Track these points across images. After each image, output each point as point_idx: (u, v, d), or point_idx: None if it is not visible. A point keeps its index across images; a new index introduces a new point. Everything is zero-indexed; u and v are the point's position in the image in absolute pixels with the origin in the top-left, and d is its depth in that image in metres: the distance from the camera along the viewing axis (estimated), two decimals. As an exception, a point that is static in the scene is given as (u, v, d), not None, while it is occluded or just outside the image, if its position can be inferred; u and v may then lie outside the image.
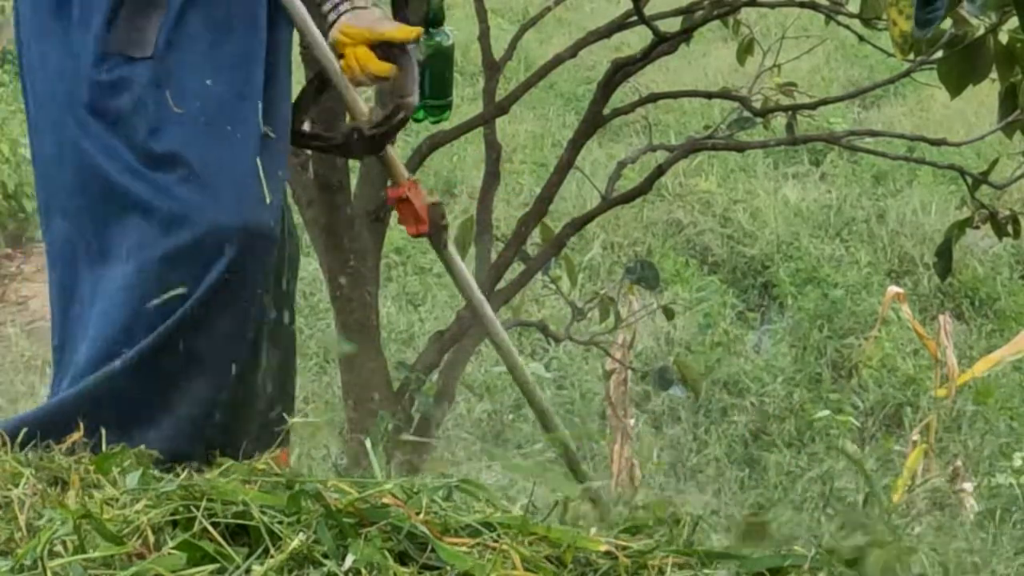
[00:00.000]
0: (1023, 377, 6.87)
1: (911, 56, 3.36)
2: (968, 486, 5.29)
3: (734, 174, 9.37)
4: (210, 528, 1.41)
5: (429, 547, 1.42)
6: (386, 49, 2.37)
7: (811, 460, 6.20)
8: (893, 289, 6.69)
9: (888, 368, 7.03)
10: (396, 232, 8.33)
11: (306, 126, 2.42)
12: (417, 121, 4.34)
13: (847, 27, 4.21)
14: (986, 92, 3.78)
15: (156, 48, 2.13)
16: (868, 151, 4.92)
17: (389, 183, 2.46)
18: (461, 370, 4.49)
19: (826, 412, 6.41)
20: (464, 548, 1.42)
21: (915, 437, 5.65)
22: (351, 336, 4.15)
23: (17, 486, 1.58)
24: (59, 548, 1.38)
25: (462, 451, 6.17)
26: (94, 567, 1.36)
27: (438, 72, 4.29)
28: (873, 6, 3.79)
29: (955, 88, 3.34)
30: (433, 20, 4.00)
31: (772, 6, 4.45)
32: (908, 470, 5.41)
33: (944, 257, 3.97)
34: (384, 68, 2.35)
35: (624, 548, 1.49)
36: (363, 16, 2.36)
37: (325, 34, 2.34)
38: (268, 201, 2.13)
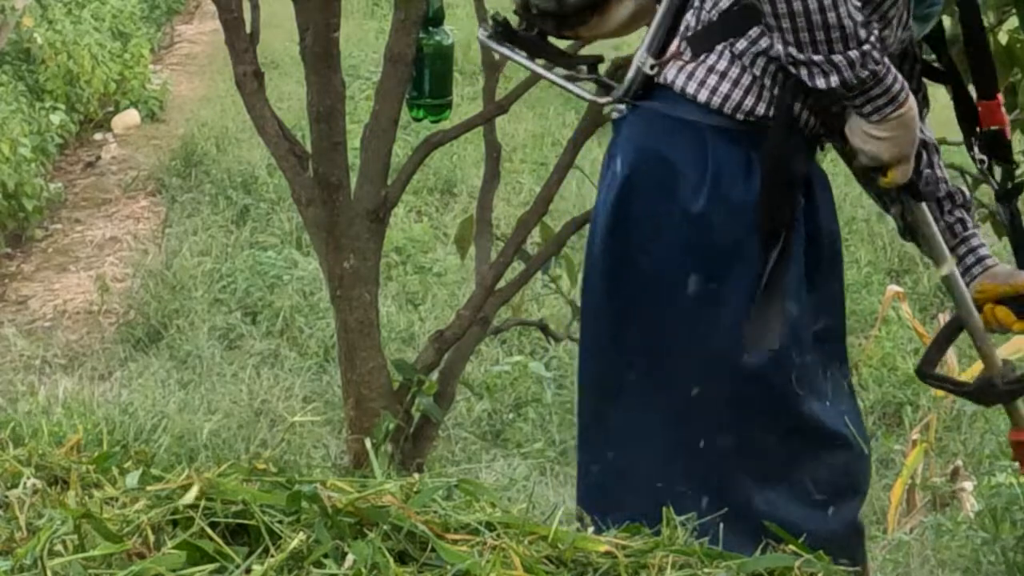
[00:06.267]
0: (1023, 376, 6.86)
1: (911, 55, 3.34)
2: (968, 485, 5.28)
3: (734, 173, 9.35)
4: (207, 529, 1.41)
5: (429, 547, 1.42)
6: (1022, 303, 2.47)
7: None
8: (893, 288, 6.68)
9: (888, 367, 7.01)
10: (396, 232, 8.34)
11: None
12: (417, 120, 4.34)
13: (847, 26, 4.20)
14: (986, 91, 3.76)
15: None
16: (868, 150, 4.90)
17: (1012, 427, 2.56)
18: (461, 370, 4.48)
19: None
20: (464, 548, 1.43)
21: (915, 436, 5.64)
22: (351, 336, 4.14)
23: (17, 486, 1.58)
24: (59, 547, 1.39)
25: (462, 451, 6.17)
26: (94, 566, 1.36)
27: (438, 71, 4.28)
28: (873, 5, 3.78)
29: (955, 87, 3.32)
30: (433, 19, 4.01)
31: (772, 5, 4.44)
32: (908, 469, 5.40)
33: (944, 256, 3.95)
34: None
35: (624, 548, 1.49)
36: (998, 273, 2.50)
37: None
38: None
